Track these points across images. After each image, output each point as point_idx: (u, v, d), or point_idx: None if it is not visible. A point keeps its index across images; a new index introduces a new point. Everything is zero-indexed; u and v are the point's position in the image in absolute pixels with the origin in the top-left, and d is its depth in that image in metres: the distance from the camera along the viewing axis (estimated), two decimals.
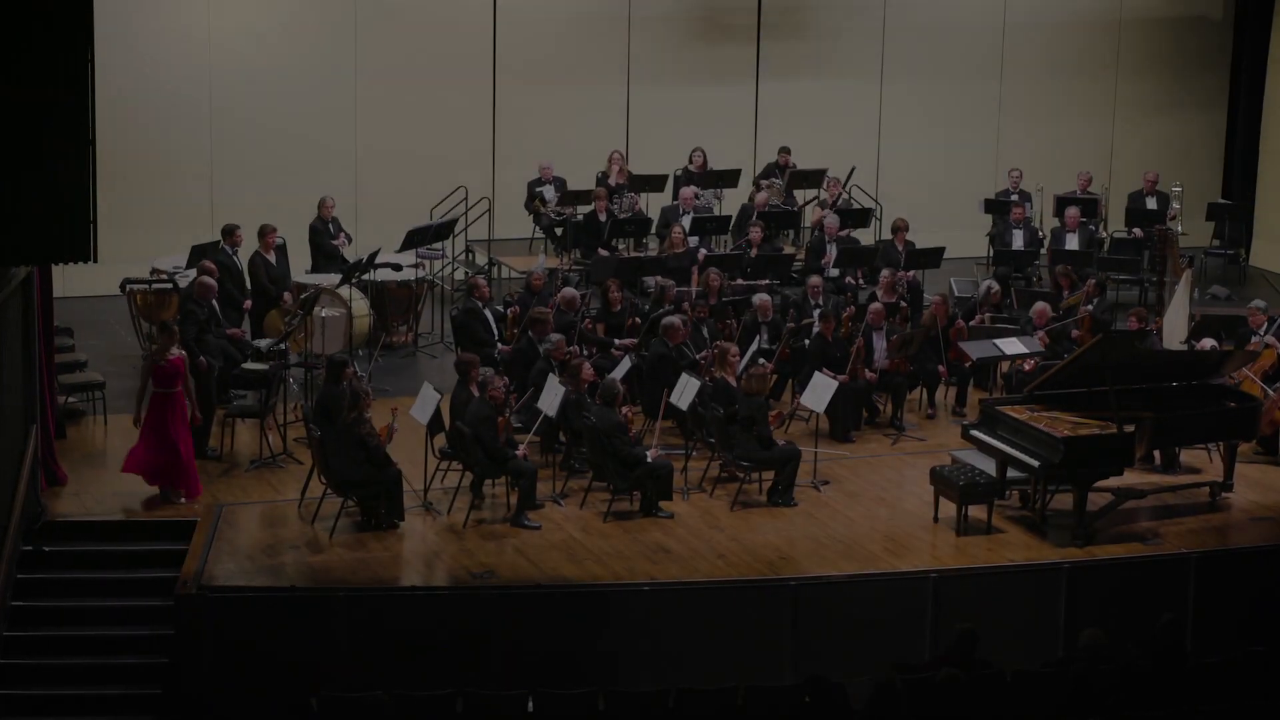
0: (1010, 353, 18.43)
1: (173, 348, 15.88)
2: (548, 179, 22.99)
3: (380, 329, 20.31)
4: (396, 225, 21.31)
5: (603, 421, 15.93)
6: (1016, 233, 22.79)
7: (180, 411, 15.80)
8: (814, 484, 16.83)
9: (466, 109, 23.89)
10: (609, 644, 14.18)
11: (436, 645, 14.01)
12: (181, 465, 15.81)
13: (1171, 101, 26.71)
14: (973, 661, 12.31)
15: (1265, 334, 18.51)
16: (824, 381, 17.03)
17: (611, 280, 19.25)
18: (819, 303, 19.52)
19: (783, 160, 23.81)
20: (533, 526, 15.68)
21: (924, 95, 25.66)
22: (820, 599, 14.47)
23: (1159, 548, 15.63)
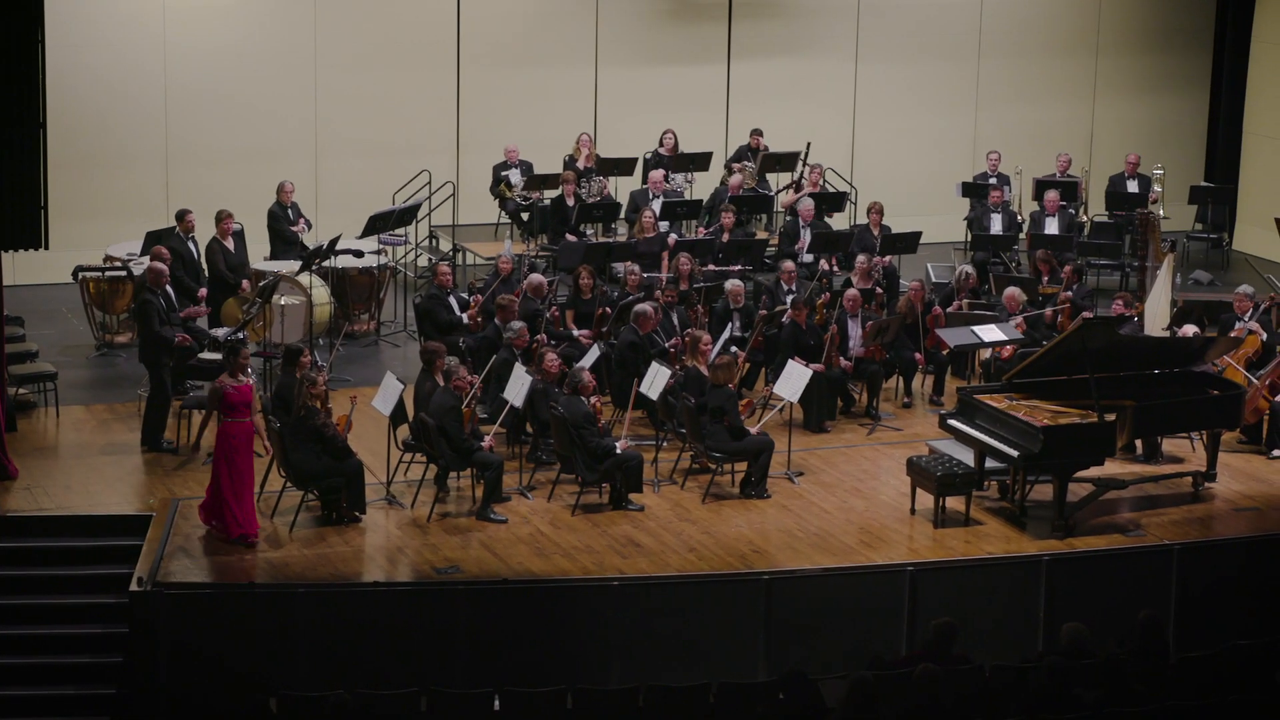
0: (988, 340, 18.44)
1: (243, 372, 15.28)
2: (514, 163, 22.95)
3: (341, 317, 20.26)
4: (358, 210, 21.26)
5: (571, 412, 15.90)
6: (995, 217, 22.82)
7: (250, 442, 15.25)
8: (788, 475, 16.82)
9: (430, 91, 23.82)
10: (577, 640, 14.16)
11: (400, 643, 13.97)
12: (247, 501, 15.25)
13: (1153, 82, 26.76)
14: (951, 656, 12.31)
15: (1249, 320, 18.55)
16: (798, 370, 17.01)
17: (583, 267, 19.21)
18: (792, 289, 19.51)
19: (754, 142, 23.79)
20: (499, 520, 15.65)
21: (900, 76, 25.65)
22: (794, 593, 14.47)
23: (1141, 539, 15.66)
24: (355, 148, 23.46)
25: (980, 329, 18.50)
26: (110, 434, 17.36)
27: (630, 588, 14.32)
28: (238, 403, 15.06)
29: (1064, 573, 14.84)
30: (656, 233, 21.09)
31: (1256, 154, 26.15)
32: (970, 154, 25.67)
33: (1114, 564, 15.16)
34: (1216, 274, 24.19)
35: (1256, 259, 24.18)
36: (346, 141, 23.47)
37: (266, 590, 14.10)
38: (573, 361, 17.26)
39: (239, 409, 15.05)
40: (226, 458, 14.95)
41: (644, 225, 21.10)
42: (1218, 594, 15.06)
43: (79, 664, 14.39)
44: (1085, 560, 15.12)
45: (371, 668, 13.78)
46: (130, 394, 18.16)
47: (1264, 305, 18.96)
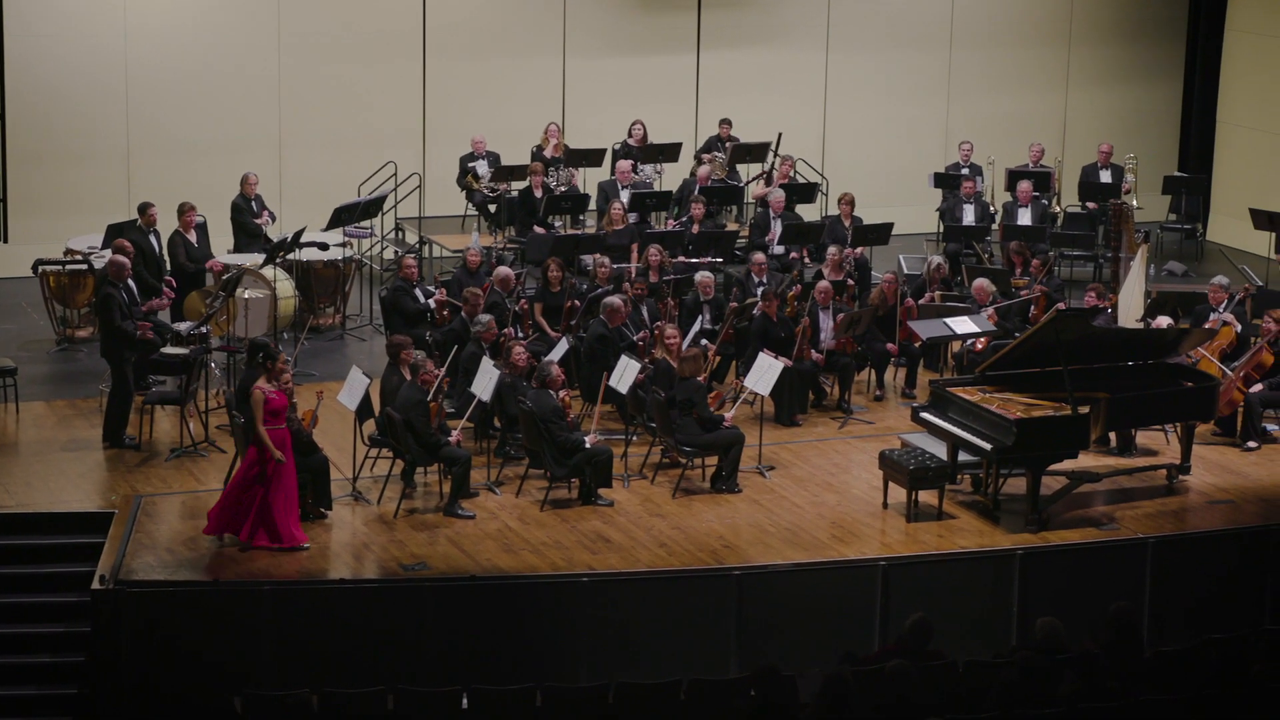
0: (961, 332, 18.46)
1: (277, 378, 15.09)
2: (480, 154, 22.91)
3: (306, 311, 20.21)
4: (323, 203, 21.20)
5: (539, 406, 15.88)
6: (967, 207, 22.84)
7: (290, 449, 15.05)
8: (759, 469, 16.83)
9: (395, 82, 23.77)
10: (546, 638, 14.15)
11: (366, 641, 13.95)
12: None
13: (1126, 71, 26.81)
14: (925, 652, 12.32)
15: (1224, 311, 18.61)
16: (768, 363, 17.01)
17: (552, 259, 19.19)
18: (763, 281, 19.52)
19: (723, 132, 23.78)
20: (466, 516, 15.63)
21: (871, 66, 25.67)
22: (766, 588, 14.48)
23: (1115, 533, 15.70)
24: (320, 139, 23.40)
25: (953, 321, 18.51)
26: (72, 430, 17.29)
27: (600, 584, 14.31)
28: (278, 409, 14.93)
29: (1038, 567, 14.87)
30: (625, 225, 21.08)
31: (1230, 143, 26.22)
32: (942, 144, 25.70)
33: (1088, 558, 15.19)
34: (1190, 265, 24.25)
35: (1230, 250, 24.25)
36: (311, 133, 23.40)
37: (231, 588, 14.06)
38: (541, 355, 17.24)
39: (279, 415, 14.93)
40: (269, 467, 14.81)
41: (612, 217, 21.08)
42: (1192, 587, 15.09)
43: (41, 663, 14.35)
44: (1059, 554, 15.15)
45: (338, 666, 13.75)
46: (92, 389, 18.08)
47: (1238, 296, 19.03)
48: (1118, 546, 15.31)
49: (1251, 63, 25.75)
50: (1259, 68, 25.61)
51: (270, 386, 14.89)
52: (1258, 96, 25.66)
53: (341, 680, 13.09)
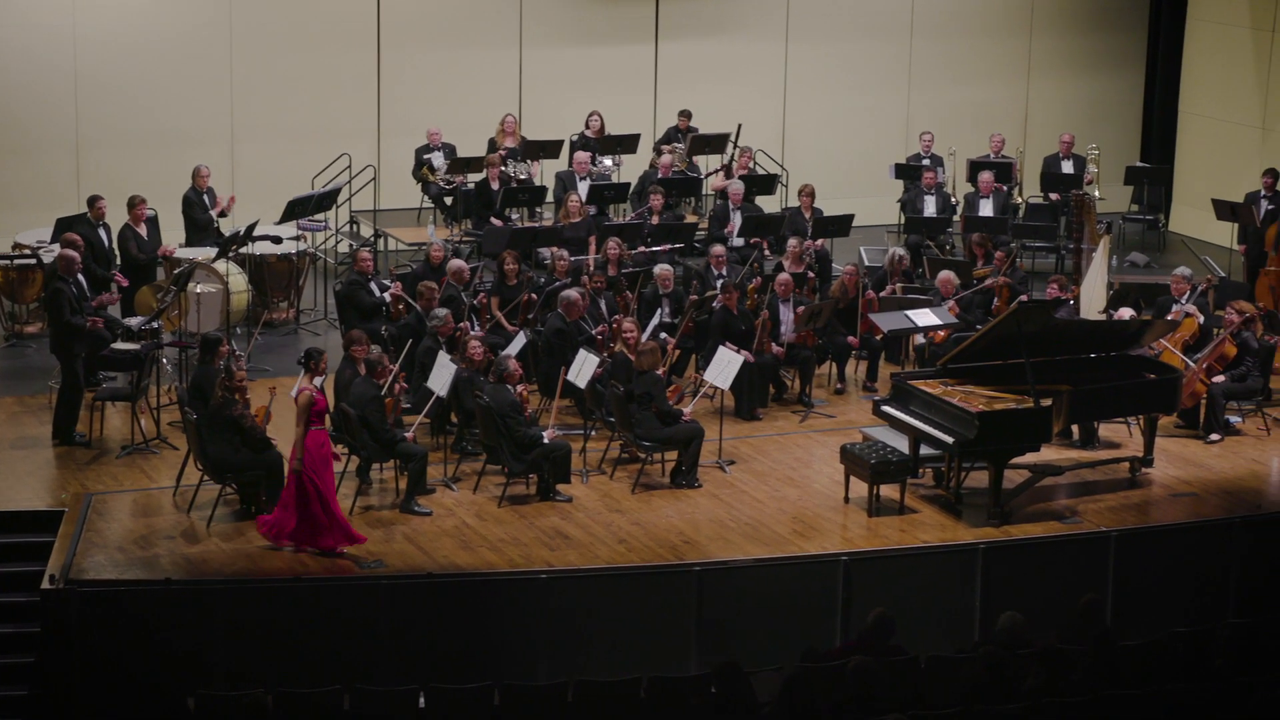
0: (922, 324, 18.50)
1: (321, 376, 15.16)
2: (436, 146, 22.85)
3: (259, 305, 20.14)
4: (276, 196, 21.12)
5: (496, 401, 15.86)
6: (928, 199, 22.89)
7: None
8: (719, 464, 16.83)
9: (349, 73, 23.70)
10: (504, 635, 14.13)
11: (321, 639, 13.90)
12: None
13: (1087, 61, 26.90)
14: (887, 647, 12.34)
15: (1186, 302, 18.68)
16: (728, 356, 17.02)
17: (507, 252, 19.15)
18: (722, 273, 19.51)
19: (682, 124, 23.77)
20: (423, 512, 15.59)
21: (831, 56, 25.70)
22: (726, 584, 14.47)
23: (1078, 526, 15.74)
24: (273, 131, 23.32)
25: (914, 313, 18.56)
26: (20, 427, 17.20)
27: (558, 580, 14.29)
28: (324, 409, 14.91)
29: (1000, 561, 14.91)
30: (583, 217, 21.06)
31: (1192, 133, 26.33)
32: (903, 135, 25.75)
33: (1051, 552, 15.23)
34: (1153, 256, 24.35)
35: (1193, 240, 24.35)
36: (264, 125, 23.32)
37: (183, 586, 14.01)
38: (498, 349, 17.21)
39: (322, 416, 14.89)
40: (316, 470, 14.71)
41: (569, 209, 21.06)
42: (1156, 581, 15.15)
43: None
44: (1021, 548, 15.18)
45: (292, 665, 13.70)
46: (41, 385, 17.99)
47: (1201, 287, 19.10)
48: (1080, 540, 15.35)
49: (1213, 52, 25.86)
50: (1221, 57, 25.72)
51: (314, 386, 14.84)
52: (1220, 86, 25.77)
53: (297, 679, 13.04)
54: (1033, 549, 15.21)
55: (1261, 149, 24.82)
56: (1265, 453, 17.65)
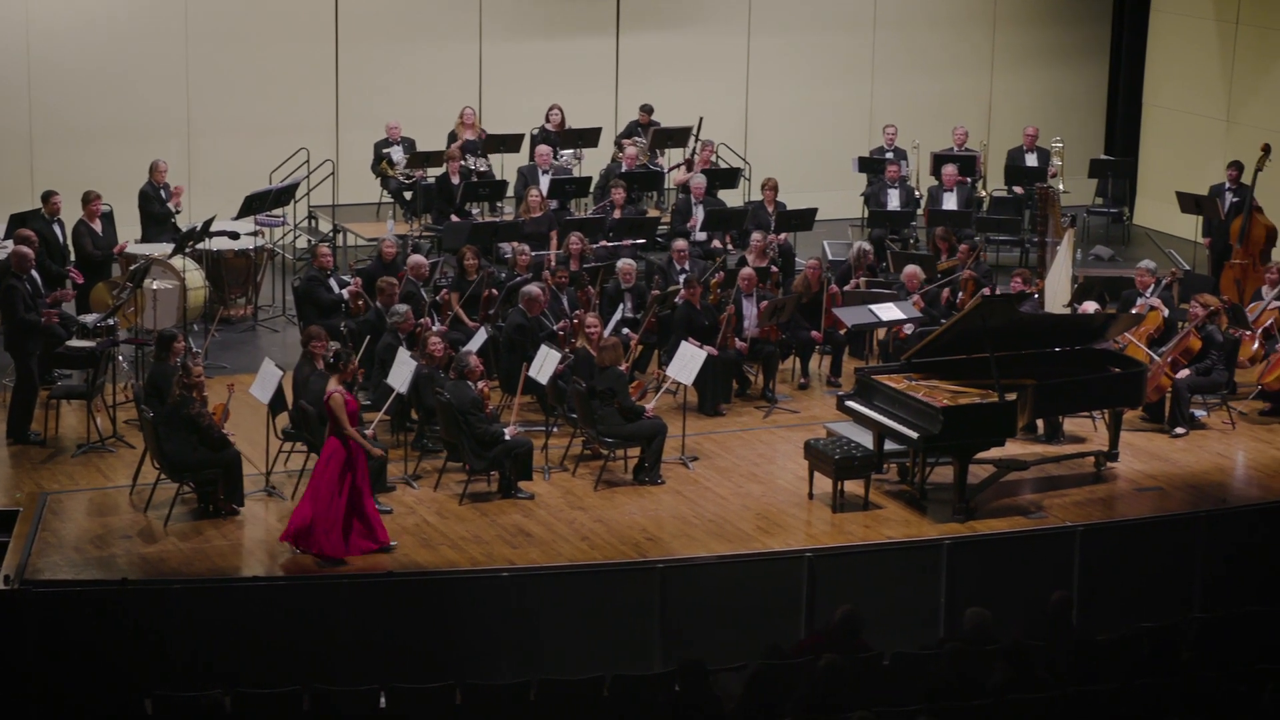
0: (886, 319, 18.51)
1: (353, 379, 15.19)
2: (396, 140, 22.79)
3: (217, 301, 20.07)
4: (233, 190, 21.03)
5: (457, 397, 15.83)
6: (892, 192, 22.93)
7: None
8: (682, 460, 16.83)
9: (308, 66, 23.62)
10: (466, 634, 14.09)
11: (280, 639, 13.83)
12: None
13: (1051, 53, 26.96)
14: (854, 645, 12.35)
15: (1151, 296, 18.73)
16: (691, 352, 17.01)
17: (467, 247, 19.12)
18: (685, 268, 19.51)
19: (643, 119, 23.75)
20: (384, 510, 15.54)
21: (794, 48, 25.71)
22: (690, 582, 14.46)
23: (1043, 521, 15.78)
24: (230, 125, 23.24)
25: (878, 308, 18.56)
26: None
27: (521, 579, 14.26)
28: (354, 412, 14.88)
29: (965, 557, 14.92)
30: (543, 211, 21.03)
31: (1156, 126, 26.41)
32: (866, 128, 25.77)
33: (1016, 547, 15.25)
34: (1117, 249, 24.43)
35: (1157, 233, 24.43)
36: (221, 119, 23.24)
37: (140, 587, 13.93)
38: (459, 345, 17.18)
39: (355, 418, 14.87)
40: (350, 470, 14.70)
41: (530, 204, 21.03)
42: (1121, 575, 15.19)
43: None
44: (987, 543, 15.21)
45: (251, 665, 13.64)
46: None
47: (1165, 281, 19.16)
48: (1046, 535, 15.38)
49: (1177, 44, 25.94)
50: (1185, 49, 25.81)
51: (342, 388, 14.81)
52: (1184, 78, 25.86)
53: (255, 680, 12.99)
54: (998, 544, 15.23)
55: (1226, 141, 24.91)
56: (1230, 446, 17.72)
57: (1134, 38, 26.71)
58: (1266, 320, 18.73)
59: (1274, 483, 16.99)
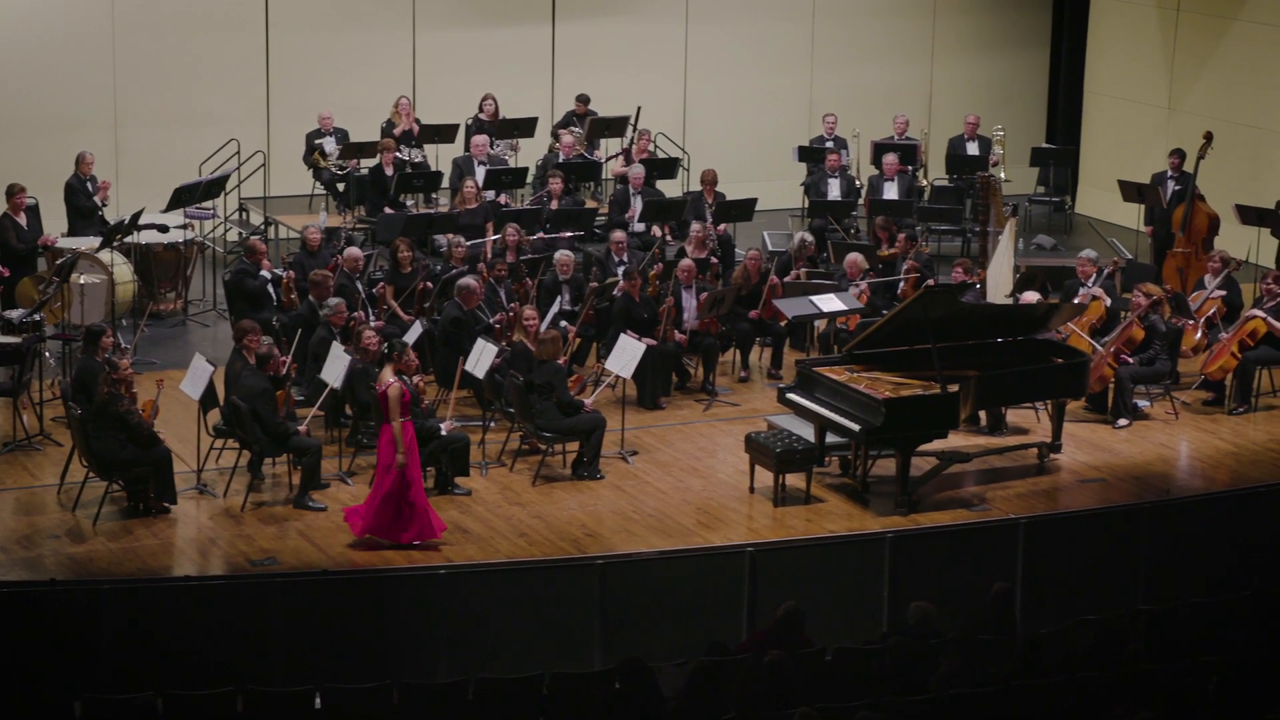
0: (828, 310, 18.54)
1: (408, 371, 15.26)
2: (328, 130, 22.69)
3: (146, 296, 19.97)
4: (162, 183, 20.93)
5: None
6: (833, 182, 22.97)
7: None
8: (621, 455, 16.82)
9: (237, 55, 23.49)
10: (402, 633, 14.04)
11: (213, 639, 13.74)
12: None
13: (992, 40, 27.07)
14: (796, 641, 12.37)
15: (1093, 285, 18.82)
16: (630, 344, 17.01)
17: (402, 239, 19.06)
18: (623, 260, 19.51)
19: (580, 109, 23.72)
20: (318, 508, 15.51)
21: (732, 36, 25.73)
22: (630, 578, 14.43)
23: (986, 514, 15.85)
24: (158, 116, 23.10)
25: (819, 299, 18.58)
26: None
27: (457, 576, 14.21)
28: (409, 403, 14.94)
29: (908, 550, 14.93)
30: (479, 203, 20.99)
31: (1098, 114, 26.55)
32: (806, 117, 25.82)
33: (959, 540, 15.29)
34: (1059, 238, 24.55)
35: (1099, 222, 24.56)
36: (149, 110, 23.09)
37: (69, 588, 13.83)
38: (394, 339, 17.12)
39: (408, 408, 14.92)
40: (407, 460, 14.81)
41: (465, 195, 20.98)
42: (1065, 568, 15.25)
43: None
44: (929, 537, 15.24)
45: (183, 667, 13.55)
46: None
47: (1107, 270, 19.27)
48: (989, 528, 15.42)
49: (1118, 31, 26.08)
50: (1126, 36, 25.95)
51: (398, 380, 14.88)
52: (1125, 65, 26.01)
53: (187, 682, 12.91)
54: (941, 537, 15.27)
55: (1167, 129, 25.07)
56: (1174, 437, 17.83)
57: (1075, 25, 26.85)
58: (1209, 309, 18.85)
59: (1217, 473, 17.12)
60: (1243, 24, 24.25)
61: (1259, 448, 17.61)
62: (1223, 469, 17.21)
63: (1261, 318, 18.26)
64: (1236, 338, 18.24)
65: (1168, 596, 14.44)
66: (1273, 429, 18.07)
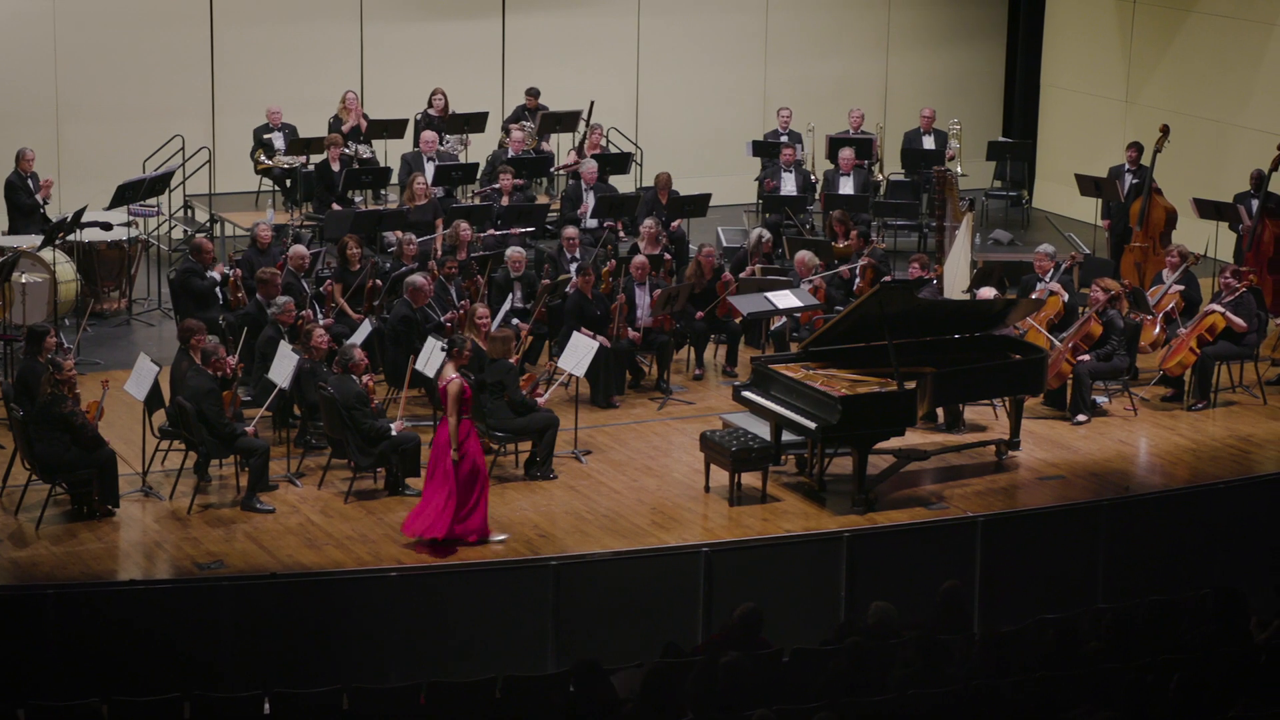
0: (783, 307, 18.55)
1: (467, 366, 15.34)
2: (276, 125, 22.62)
3: (89, 295, 19.88)
4: (105, 179, 20.85)
5: (341, 392, 15.74)
6: (787, 176, 22.99)
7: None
8: (575, 454, 16.82)
9: (181, 49, 23.39)
10: (353, 636, 14.01)
11: (160, 645, 13.71)
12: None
13: (947, 33, 27.13)
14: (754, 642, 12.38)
15: (1051, 280, 18.89)
16: (583, 342, 17.00)
17: (350, 236, 19.02)
18: (576, 256, 19.50)
19: (530, 103, 23.69)
20: (266, 510, 15.47)
21: (685, 29, 25.73)
22: (584, 579, 14.44)
23: (944, 512, 15.89)
24: (100, 111, 22.98)
25: (774, 295, 18.58)
26: None
27: (409, 578, 14.19)
28: (470, 398, 15.01)
29: (865, 549, 14.98)
30: (428, 199, 20.95)
31: (1055, 107, 26.65)
32: (760, 111, 25.84)
33: (917, 538, 15.34)
34: (1016, 233, 24.63)
35: (1057, 217, 24.65)
36: (91, 104, 22.97)
37: (11, 593, 13.78)
38: (342, 338, 17.09)
39: (468, 405, 14.97)
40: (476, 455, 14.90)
41: (415, 191, 20.93)
42: (1024, 566, 15.31)
43: None
44: (887, 535, 15.28)
45: (129, 673, 13.51)
46: None
47: (1065, 265, 19.34)
48: (947, 526, 15.47)
49: (1075, 23, 26.18)
50: (1083, 29, 26.05)
51: (459, 376, 14.94)
52: (1082, 58, 26.11)
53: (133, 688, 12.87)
54: (898, 536, 15.32)
55: (1125, 122, 25.18)
56: (1132, 433, 17.91)
57: (1031, 17, 26.94)
58: (1167, 304, 18.95)
59: (1177, 470, 17.20)
60: (1200, 15, 24.38)
61: (1218, 444, 17.71)
62: (1182, 465, 17.29)
63: (1220, 312, 18.37)
64: (1195, 333, 18.34)
65: (1127, 594, 14.51)
66: (1232, 425, 18.17)
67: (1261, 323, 18.75)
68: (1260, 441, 17.78)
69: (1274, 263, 20.96)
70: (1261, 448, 17.66)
